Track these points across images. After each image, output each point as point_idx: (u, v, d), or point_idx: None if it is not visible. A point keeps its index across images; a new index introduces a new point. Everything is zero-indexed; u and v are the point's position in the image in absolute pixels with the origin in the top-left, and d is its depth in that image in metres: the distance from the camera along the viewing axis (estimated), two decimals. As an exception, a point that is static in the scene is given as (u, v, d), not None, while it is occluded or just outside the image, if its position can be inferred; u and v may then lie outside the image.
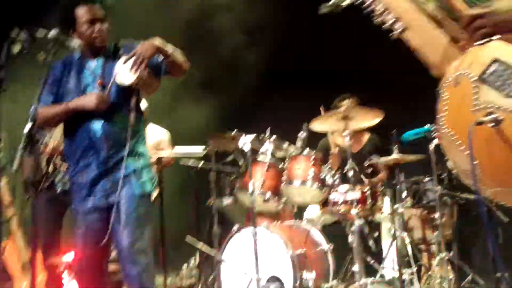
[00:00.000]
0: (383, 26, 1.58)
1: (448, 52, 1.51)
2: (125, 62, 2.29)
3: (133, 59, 2.24)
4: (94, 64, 2.44)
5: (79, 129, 2.37)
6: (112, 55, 2.44)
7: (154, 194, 2.45)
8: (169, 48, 2.34)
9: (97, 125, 2.35)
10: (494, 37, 1.41)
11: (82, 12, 2.38)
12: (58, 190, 3.42)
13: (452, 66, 1.48)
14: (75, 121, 2.37)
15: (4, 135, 3.74)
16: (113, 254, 2.56)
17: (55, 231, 3.41)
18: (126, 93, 2.36)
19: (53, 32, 2.07)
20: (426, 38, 1.54)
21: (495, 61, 1.37)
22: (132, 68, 2.24)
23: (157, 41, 2.32)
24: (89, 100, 2.32)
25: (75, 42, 2.21)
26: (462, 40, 1.53)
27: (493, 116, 1.34)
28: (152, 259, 2.34)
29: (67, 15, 2.40)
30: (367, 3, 1.60)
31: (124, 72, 2.27)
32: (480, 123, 1.34)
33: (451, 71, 1.47)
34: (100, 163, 2.33)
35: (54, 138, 3.29)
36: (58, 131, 3.11)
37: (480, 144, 1.38)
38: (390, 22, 1.57)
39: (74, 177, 2.41)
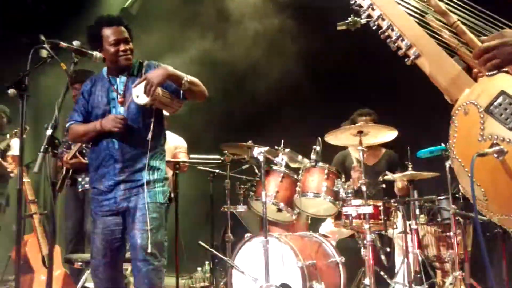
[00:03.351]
0: (399, 52, 1.61)
1: (460, 80, 1.53)
2: (135, 86, 2.44)
3: (143, 83, 2.38)
4: (118, 81, 2.60)
5: (101, 141, 2.55)
6: (135, 73, 2.58)
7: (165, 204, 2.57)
8: (184, 76, 2.45)
9: (116, 139, 2.52)
10: (503, 69, 1.42)
11: (107, 33, 2.51)
12: (79, 189, 3.62)
13: (463, 95, 1.50)
14: (99, 133, 2.53)
15: (28, 128, 3.94)
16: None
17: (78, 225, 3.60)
18: (145, 111, 2.50)
19: (75, 43, 2.19)
20: (439, 65, 1.56)
21: (502, 93, 1.38)
22: (144, 91, 2.38)
23: (170, 69, 2.45)
24: (108, 122, 2.48)
25: (96, 54, 2.32)
26: (476, 69, 1.55)
27: (497, 148, 1.35)
28: (164, 260, 2.48)
29: (94, 33, 2.54)
30: (383, 29, 1.63)
31: (139, 93, 2.41)
32: (482, 155, 1.36)
33: (462, 99, 1.49)
34: (116, 173, 2.51)
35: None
36: None
37: (486, 173, 1.39)
38: (405, 48, 1.60)
39: (93, 183, 2.60)
